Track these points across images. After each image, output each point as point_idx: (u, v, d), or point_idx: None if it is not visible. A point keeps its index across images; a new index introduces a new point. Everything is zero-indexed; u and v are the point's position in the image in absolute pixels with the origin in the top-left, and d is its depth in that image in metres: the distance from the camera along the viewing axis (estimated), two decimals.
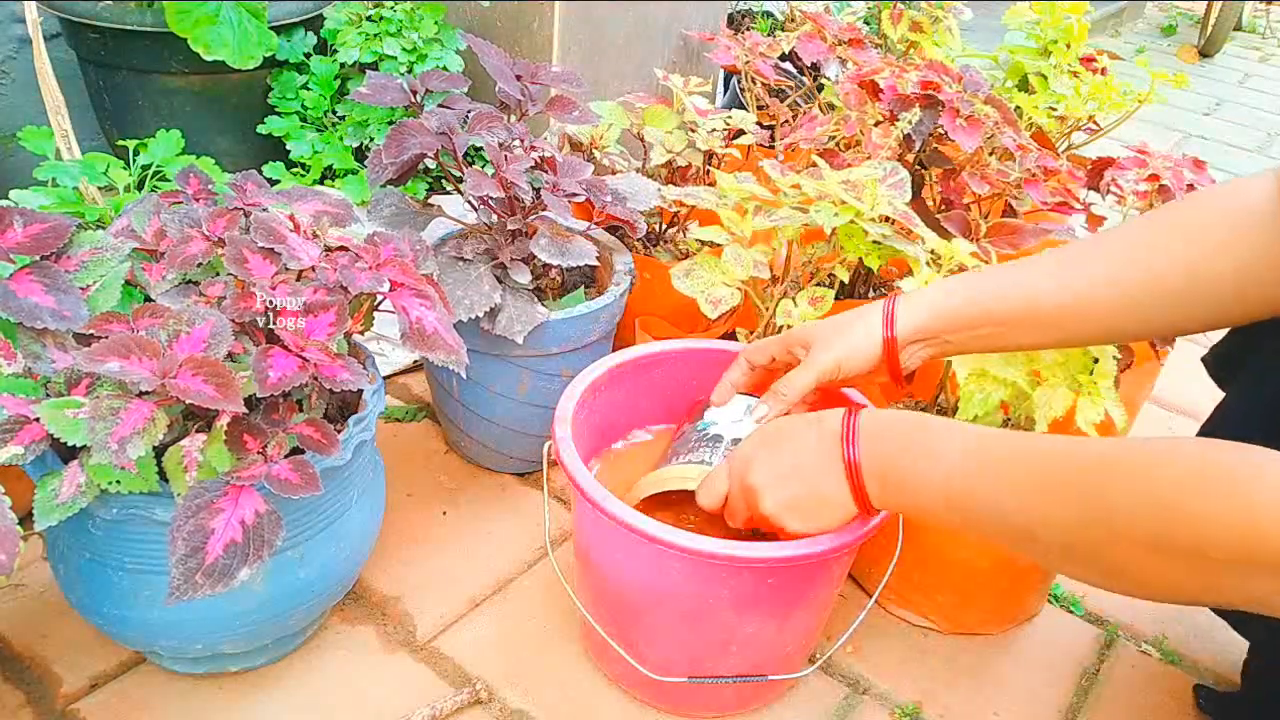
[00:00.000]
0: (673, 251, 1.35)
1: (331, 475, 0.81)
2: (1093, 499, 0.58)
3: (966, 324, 0.81)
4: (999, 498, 0.64)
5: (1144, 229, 0.77)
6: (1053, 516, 0.60)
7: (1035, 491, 0.62)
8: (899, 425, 0.73)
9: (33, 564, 1.02)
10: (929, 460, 0.69)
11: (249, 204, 0.87)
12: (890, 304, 0.83)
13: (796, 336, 0.86)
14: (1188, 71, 3.58)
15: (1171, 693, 1.02)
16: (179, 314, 0.73)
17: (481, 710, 0.93)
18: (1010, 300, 0.79)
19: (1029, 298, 0.78)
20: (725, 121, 1.32)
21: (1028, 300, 0.78)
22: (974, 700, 0.99)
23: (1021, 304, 0.79)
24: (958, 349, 0.83)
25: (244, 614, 0.82)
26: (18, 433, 0.68)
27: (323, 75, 1.64)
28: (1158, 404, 1.54)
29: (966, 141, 1.12)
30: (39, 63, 1.06)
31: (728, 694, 0.92)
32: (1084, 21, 1.54)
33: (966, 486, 0.66)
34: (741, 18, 2.19)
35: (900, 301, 0.82)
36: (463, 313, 0.99)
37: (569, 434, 0.86)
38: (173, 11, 1.36)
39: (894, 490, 0.72)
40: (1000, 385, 0.86)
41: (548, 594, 1.06)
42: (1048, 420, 0.84)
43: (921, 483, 0.69)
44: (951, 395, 1.02)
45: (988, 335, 0.81)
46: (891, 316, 0.82)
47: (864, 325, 0.83)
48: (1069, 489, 0.60)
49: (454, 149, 1.03)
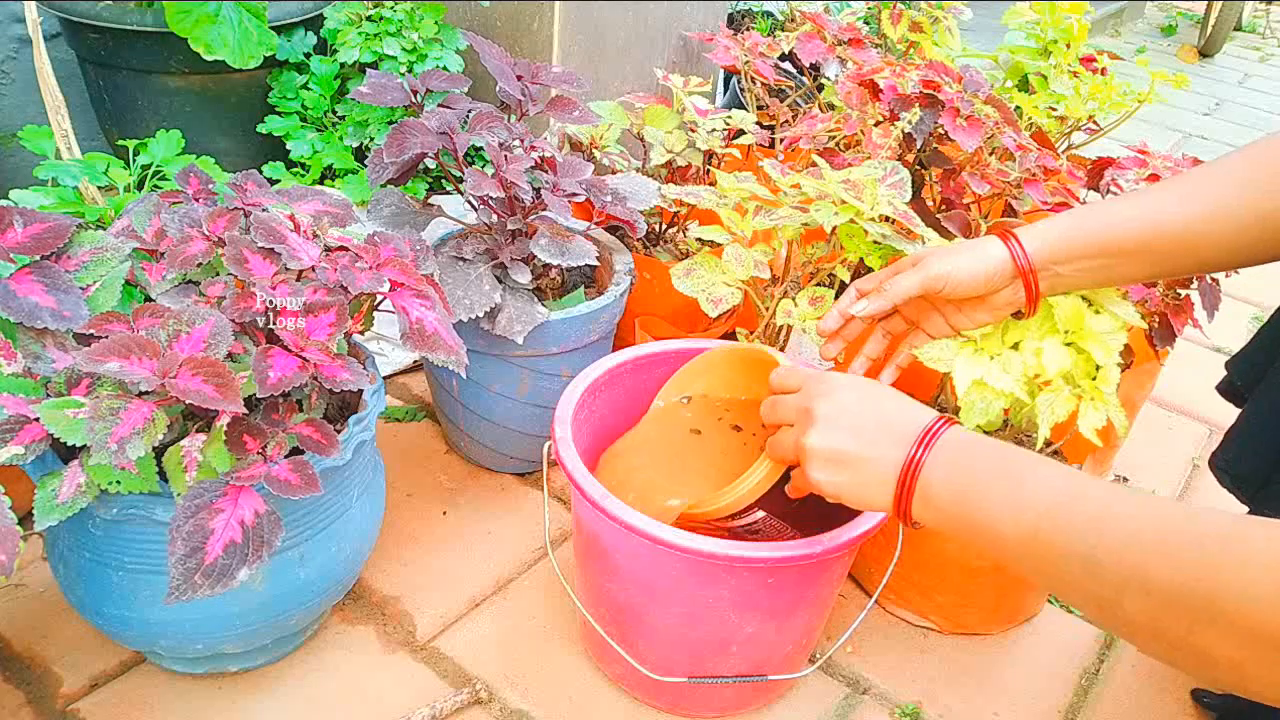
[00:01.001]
0: (673, 251, 1.35)
1: (331, 475, 0.81)
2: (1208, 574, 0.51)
3: (1081, 253, 0.79)
4: (1091, 548, 0.57)
5: (1264, 151, 0.76)
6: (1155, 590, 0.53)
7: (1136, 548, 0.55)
8: (984, 449, 0.68)
9: (33, 564, 1.02)
10: (1014, 493, 0.63)
11: (249, 204, 0.87)
12: (1006, 230, 0.82)
13: (909, 258, 0.85)
14: (1188, 71, 3.58)
15: (1171, 693, 1.02)
16: (179, 314, 0.73)
17: (481, 710, 0.93)
18: (1126, 229, 0.78)
19: (1146, 225, 0.77)
20: (725, 121, 1.32)
21: (1144, 228, 0.77)
22: (974, 700, 0.99)
23: (1138, 232, 0.77)
24: (1067, 283, 0.82)
25: (244, 614, 0.82)
26: (18, 433, 0.68)
27: (323, 75, 1.64)
28: (1158, 404, 1.54)
29: (967, 141, 1.12)
30: (39, 63, 1.06)
31: (728, 694, 0.92)
32: (1084, 21, 1.54)
33: (1053, 529, 0.59)
34: (741, 18, 2.19)
35: (1018, 230, 0.82)
36: (463, 313, 0.99)
37: (569, 434, 0.86)
38: (173, 11, 1.36)
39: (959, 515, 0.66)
40: (1000, 397, 0.86)
41: (548, 594, 1.06)
42: (1050, 425, 0.84)
43: (999, 515, 0.63)
44: (951, 396, 1.02)
45: (1099, 267, 0.80)
46: (1015, 239, 0.81)
47: (980, 246, 0.82)
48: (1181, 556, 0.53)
49: (454, 149, 1.03)
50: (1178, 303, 1.12)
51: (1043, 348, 0.86)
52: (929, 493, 0.68)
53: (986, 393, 0.86)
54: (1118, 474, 1.35)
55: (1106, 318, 0.86)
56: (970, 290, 0.82)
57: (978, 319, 0.86)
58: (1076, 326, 0.86)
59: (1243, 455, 0.91)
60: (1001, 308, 0.85)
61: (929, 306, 0.88)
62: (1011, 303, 0.84)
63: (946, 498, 0.67)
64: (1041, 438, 0.83)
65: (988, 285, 0.82)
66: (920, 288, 0.83)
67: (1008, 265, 0.81)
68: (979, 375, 0.86)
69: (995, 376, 0.86)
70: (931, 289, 0.83)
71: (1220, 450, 0.94)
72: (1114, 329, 0.86)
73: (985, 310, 0.85)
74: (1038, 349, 0.86)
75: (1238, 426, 0.92)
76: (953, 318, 0.88)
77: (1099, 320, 0.86)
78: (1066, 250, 0.80)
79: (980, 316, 0.86)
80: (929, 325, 0.90)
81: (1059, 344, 0.86)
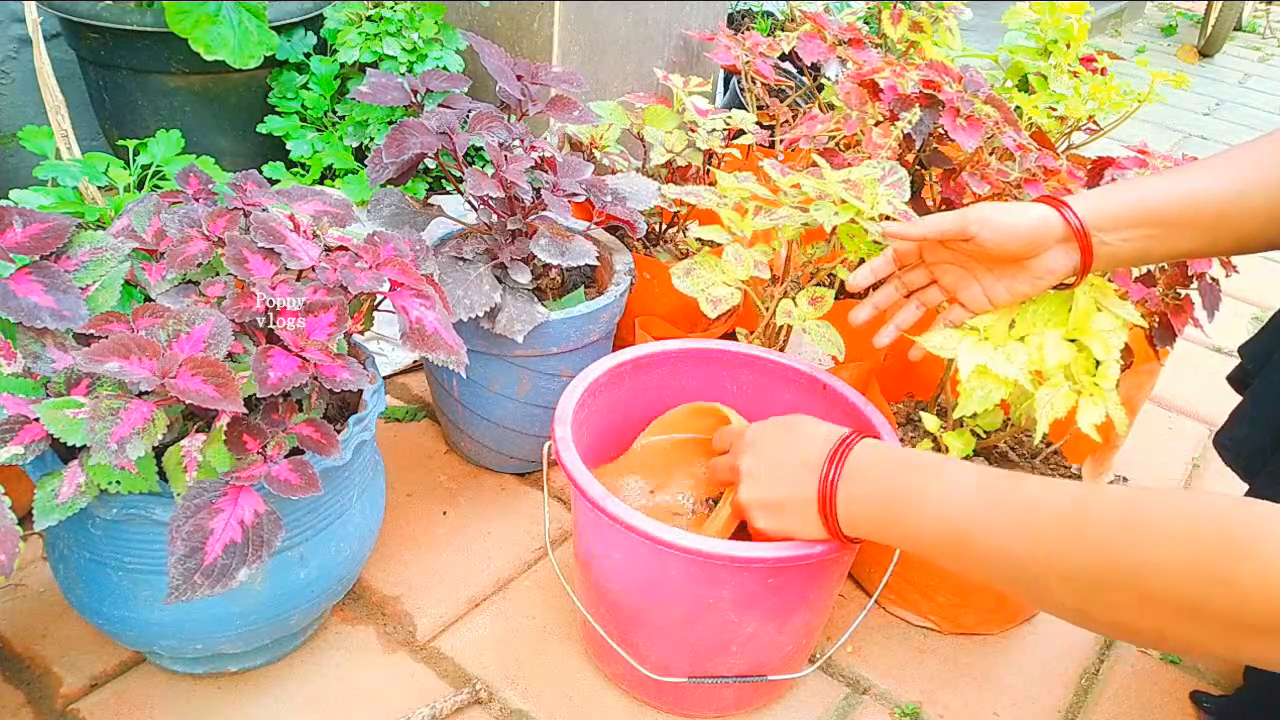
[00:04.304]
0: (673, 251, 1.35)
1: (331, 475, 0.81)
2: (1120, 555, 0.55)
3: (1126, 222, 0.79)
4: (1007, 544, 0.61)
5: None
6: (1068, 569, 0.57)
7: (1046, 539, 0.59)
8: (899, 458, 0.71)
9: (33, 564, 1.02)
10: (931, 497, 0.66)
11: (249, 204, 0.87)
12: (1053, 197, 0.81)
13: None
14: (1188, 71, 3.58)
15: (1171, 693, 1.02)
16: (179, 314, 0.73)
17: (481, 710, 0.93)
18: (1168, 200, 0.78)
19: (1186, 197, 0.77)
20: (725, 121, 1.32)
21: (1185, 199, 0.77)
22: (974, 700, 0.99)
23: (1179, 203, 0.77)
24: (1110, 253, 0.81)
25: (244, 614, 0.81)
26: (18, 433, 0.68)
27: (323, 75, 1.64)
28: (1158, 404, 1.54)
29: (966, 141, 1.12)
30: (39, 63, 1.06)
31: (728, 694, 0.92)
32: (1084, 21, 1.54)
33: (968, 529, 0.63)
34: (741, 18, 2.19)
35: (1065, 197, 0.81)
36: (463, 312, 0.99)
37: (569, 434, 0.86)
38: (173, 11, 1.36)
39: (883, 524, 0.70)
40: (1002, 385, 0.86)
41: (547, 594, 1.05)
42: (1049, 420, 0.84)
43: (920, 520, 0.67)
44: (952, 395, 1.02)
45: (1142, 237, 0.79)
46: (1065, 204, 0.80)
47: (1024, 206, 0.81)
48: (1087, 540, 0.57)
49: (454, 149, 1.03)
50: (1178, 302, 1.12)
51: (1045, 340, 0.86)
52: (851, 512, 0.71)
53: (988, 380, 0.86)
54: (1117, 474, 1.35)
55: (1107, 316, 0.86)
56: (1010, 244, 0.80)
57: (1017, 289, 0.84)
58: (1080, 323, 0.86)
59: (1246, 433, 0.92)
60: (1043, 276, 0.82)
61: (966, 273, 0.87)
62: (1054, 271, 0.82)
63: (871, 511, 0.71)
64: (1040, 433, 0.83)
65: (1029, 242, 0.80)
66: (956, 225, 0.81)
67: (1053, 227, 0.80)
68: (982, 361, 0.86)
69: (999, 364, 0.86)
70: (967, 231, 0.81)
71: (1225, 429, 0.95)
72: (1115, 327, 0.86)
73: (1026, 278, 0.83)
74: (1040, 343, 0.86)
75: (1242, 406, 0.93)
76: (991, 288, 0.85)
77: (1100, 318, 0.86)
78: (1113, 218, 0.79)
79: (1020, 286, 0.84)
80: (966, 295, 0.88)
81: (1061, 338, 0.86)
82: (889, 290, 0.93)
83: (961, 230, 0.81)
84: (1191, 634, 0.53)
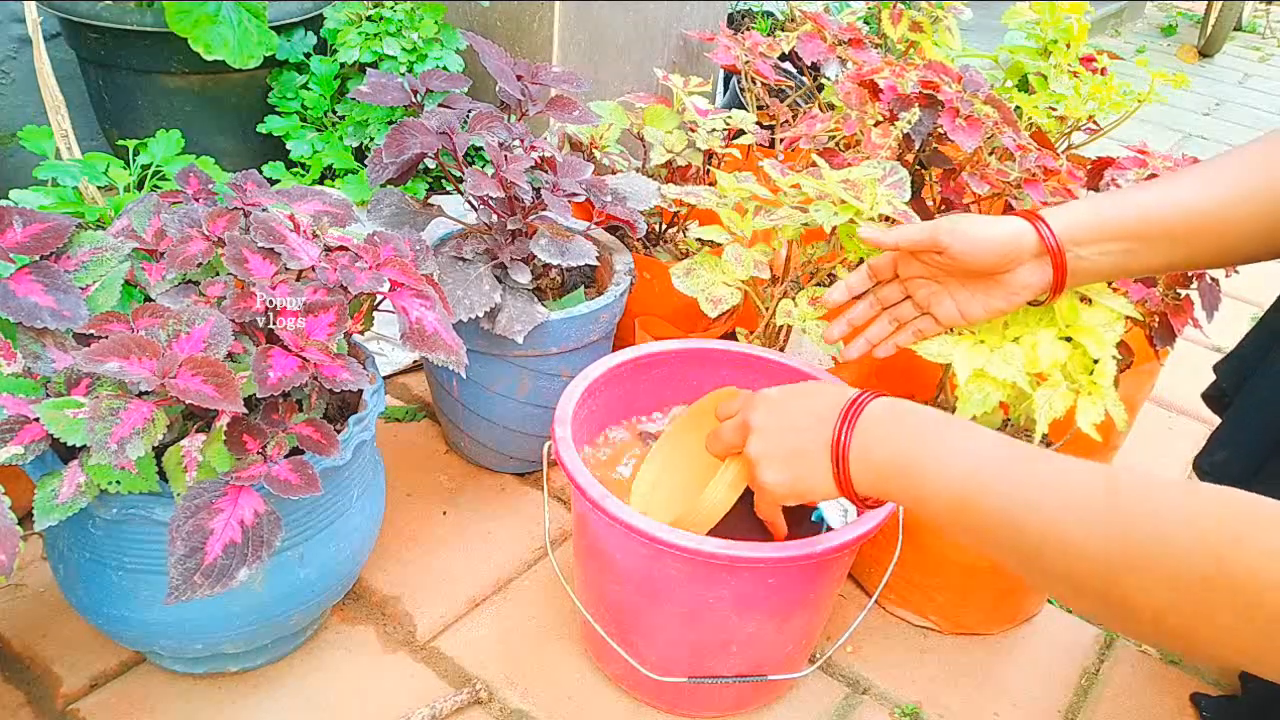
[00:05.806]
0: (673, 251, 1.35)
1: (331, 475, 0.81)
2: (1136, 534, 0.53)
3: (1103, 235, 0.78)
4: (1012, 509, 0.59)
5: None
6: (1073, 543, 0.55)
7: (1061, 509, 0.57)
8: (913, 416, 0.69)
9: (33, 564, 1.02)
10: (942, 457, 0.64)
11: (249, 204, 0.87)
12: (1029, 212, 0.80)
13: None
14: (1188, 71, 3.58)
15: (1171, 694, 1.02)
16: (179, 314, 0.73)
17: (481, 710, 0.93)
18: (1148, 212, 0.77)
19: (1167, 209, 0.76)
20: (725, 121, 1.32)
21: (1166, 211, 0.76)
22: (974, 700, 0.99)
23: (1159, 216, 0.76)
24: (1088, 267, 0.80)
25: (244, 614, 0.82)
26: (18, 433, 0.68)
27: (323, 75, 1.64)
28: (1158, 404, 1.54)
29: (966, 141, 1.12)
30: (39, 63, 1.06)
31: (728, 694, 0.92)
32: (1084, 21, 1.54)
33: (979, 489, 0.61)
34: (741, 18, 2.19)
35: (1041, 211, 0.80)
36: (463, 313, 0.99)
37: (569, 434, 0.86)
38: (173, 11, 1.36)
39: (893, 481, 0.68)
40: (1000, 387, 0.86)
41: (548, 594, 1.06)
42: (1048, 420, 0.84)
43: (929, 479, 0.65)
44: (951, 396, 1.02)
45: (1121, 251, 0.78)
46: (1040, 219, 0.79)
47: (999, 219, 0.80)
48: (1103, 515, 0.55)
49: (454, 149, 1.03)
50: (1177, 302, 1.11)
51: (1038, 340, 0.85)
52: (865, 464, 0.69)
53: (986, 383, 0.85)
54: None
55: (1100, 311, 0.86)
56: (982, 256, 0.79)
57: (992, 305, 0.83)
58: (1072, 320, 0.86)
59: (1225, 458, 0.91)
60: (1018, 291, 0.81)
61: (941, 288, 0.86)
62: (1029, 286, 0.81)
63: (881, 467, 0.69)
64: (1039, 433, 0.83)
65: (1003, 255, 0.79)
66: (928, 235, 0.80)
67: (1027, 241, 0.79)
68: (980, 365, 0.85)
69: (996, 367, 0.85)
70: (940, 242, 0.80)
71: (1205, 453, 0.94)
72: (1109, 322, 0.85)
73: (1000, 294, 0.82)
74: (1033, 342, 0.85)
75: (1221, 429, 0.92)
76: (965, 303, 0.84)
77: (1093, 314, 0.86)
78: (1089, 232, 0.78)
79: (995, 302, 0.82)
80: (939, 309, 0.86)
81: (1054, 337, 0.85)
82: (864, 306, 0.91)
83: (932, 241, 0.81)
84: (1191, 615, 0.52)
